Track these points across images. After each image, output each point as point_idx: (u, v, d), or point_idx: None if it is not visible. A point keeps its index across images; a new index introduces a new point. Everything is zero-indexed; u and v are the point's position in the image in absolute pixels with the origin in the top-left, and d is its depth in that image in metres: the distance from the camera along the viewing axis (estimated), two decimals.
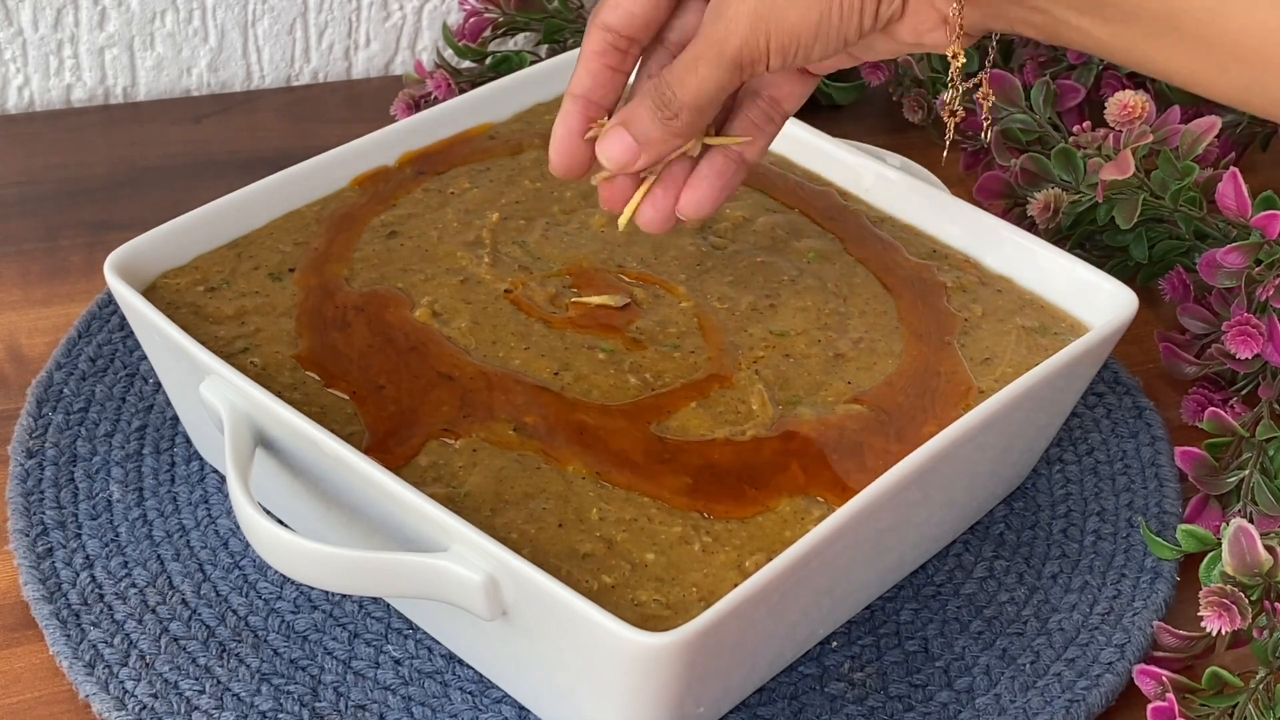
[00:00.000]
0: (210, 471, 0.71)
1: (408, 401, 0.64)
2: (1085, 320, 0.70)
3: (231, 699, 0.62)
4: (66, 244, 0.85)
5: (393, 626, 0.65)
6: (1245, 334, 0.74)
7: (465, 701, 0.63)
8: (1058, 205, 0.82)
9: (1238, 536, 0.62)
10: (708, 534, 0.60)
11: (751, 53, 0.58)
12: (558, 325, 0.68)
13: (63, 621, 0.64)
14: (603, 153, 0.61)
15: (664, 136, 0.60)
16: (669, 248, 0.73)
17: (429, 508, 0.56)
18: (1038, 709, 0.64)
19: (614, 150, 0.61)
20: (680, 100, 0.59)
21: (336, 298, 0.69)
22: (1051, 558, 0.71)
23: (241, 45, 1.00)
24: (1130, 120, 0.80)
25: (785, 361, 0.67)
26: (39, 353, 0.78)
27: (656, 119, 0.60)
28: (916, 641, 0.67)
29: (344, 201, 0.74)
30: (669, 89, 0.59)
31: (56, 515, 0.69)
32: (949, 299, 0.71)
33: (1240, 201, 0.77)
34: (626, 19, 0.61)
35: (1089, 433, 0.77)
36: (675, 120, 0.60)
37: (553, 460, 0.62)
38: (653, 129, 0.60)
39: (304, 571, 0.57)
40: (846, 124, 0.99)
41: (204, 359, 0.62)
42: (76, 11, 0.95)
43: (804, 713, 0.64)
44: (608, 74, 0.62)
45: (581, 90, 0.62)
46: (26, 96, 0.97)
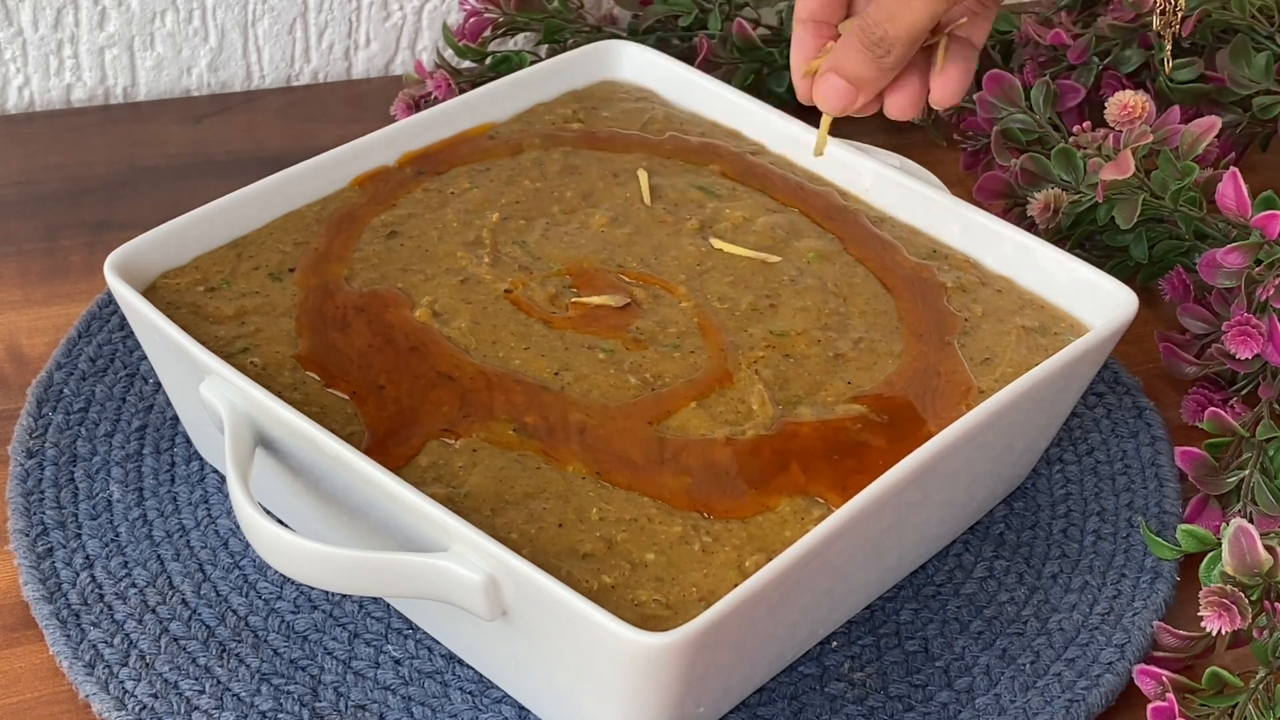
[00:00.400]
0: (210, 471, 0.71)
1: (408, 401, 0.64)
2: (1085, 320, 0.70)
3: (231, 699, 0.62)
4: (66, 244, 0.85)
5: (393, 626, 0.65)
6: (1245, 334, 0.74)
7: (465, 701, 0.63)
8: (1058, 205, 0.82)
9: (1238, 536, 0.62)
10: (708, 534, 0.60)
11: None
12: (558, 325, 0.68)
13: (63, 621, 0.64)
14: (820, 100, 0.63)
15: (879, 75, 0.62)
16: (669, 248, 0.73)
17: (429, 508, 0.56)
18: (1038, 709, 0.64)
19: (830, 97, 0.63)
20: (893, 36, 0.60)
21: (336, 298, 0.69)
22: (1051, 558, 0.71)
23: (241, 45, 1.00)
24: (1130, 120, 0.80)
25: (785, 361, 0.67)
26: (39, 353, 0.78)
27: (868, 59, 0.61)
28: (916, 641, 0.67)
29: (344, 201, 0.74)
30: (879, 26, 0.60)
31: (56, 515, 0.69)
32: (949, 299, 0.71)
33: (1240, 201, 0.77)
34: None
35: (1089, 433, 0.77)
36: (888, 57, 0.61)
37: (553, 460, 0.62)
38: (865, 69, 0.61)
39: (304, 571, 0.57)
40: (846, 124, 0.98)
41: (204, 359, 0.62)
42: (76, 11, 0.95)
43: (804, 713, 0.64)
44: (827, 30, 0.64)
45: (809, 13, 0.64)
46: (26, 96, 0.97)
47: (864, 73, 0.62)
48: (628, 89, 0.83)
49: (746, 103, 0.81)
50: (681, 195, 0.76)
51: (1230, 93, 0.90)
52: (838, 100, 0.63)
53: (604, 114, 0.81)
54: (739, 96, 0.81)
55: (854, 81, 0.62)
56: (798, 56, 0.64)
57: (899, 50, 0.61)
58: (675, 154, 0.79)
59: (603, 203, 0.75)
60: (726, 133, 0.81)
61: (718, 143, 0.80)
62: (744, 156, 0.79)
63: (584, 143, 0.79)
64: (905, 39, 0.60)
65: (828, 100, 0.63)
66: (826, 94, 0.63)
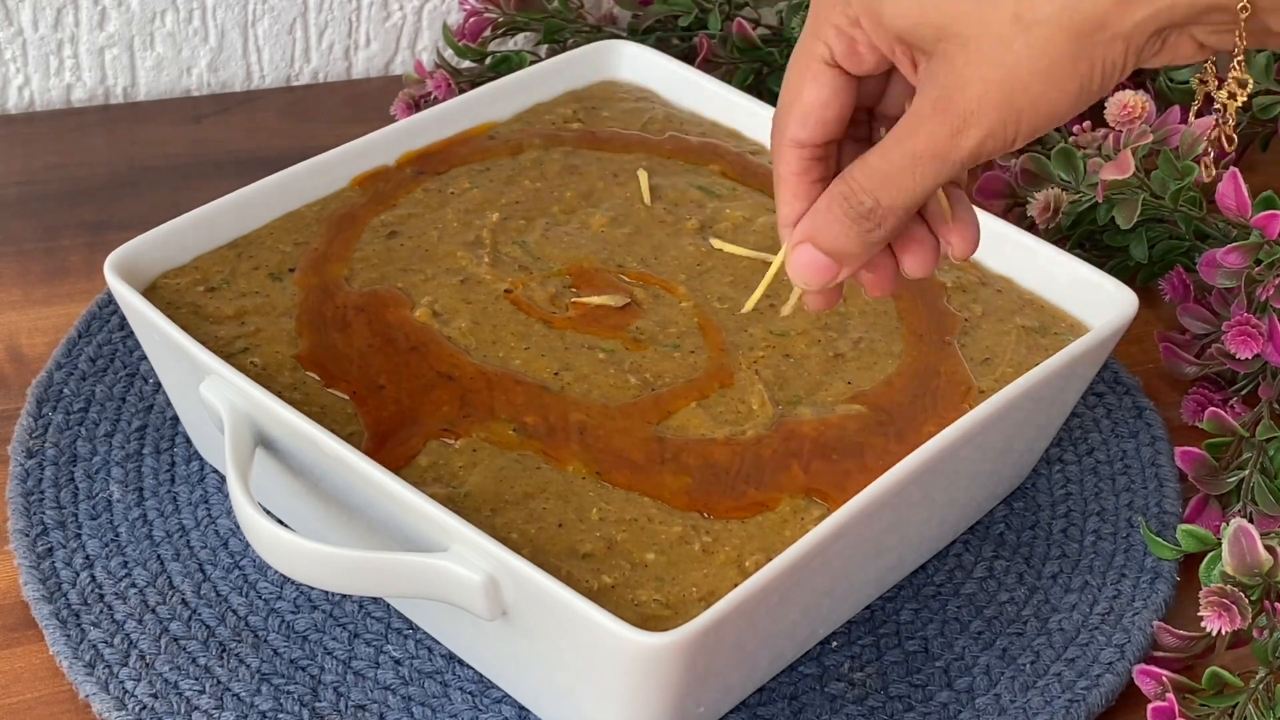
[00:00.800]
0: (210, 471, 0.71)
1: (408, 401, 0.64)
2: (1085, 320, 0.70)
3: (231, 699, 0.62)
4: (66, 244, 0.85)
5: (393, 626, 0.65)
6: (1245, 334, 0.74)
7: (465, 701, 0.63)
8: (1058, 205, 0.82)
9: (1238, 536, 0.62)
10: (708, 534, 0.60)
11: (996, 144, 0.48)
12: (558, 325, 0.68)
13: (63, 621, 0.64)
14: (795, 274, 0.53)
15: (865, 250, 0.51)
16: (669, 248, 0.73)
17: (429, 508, 0.56)
18: (1038, 709, 0.64)
19: (807, 272, 0.52)
20: (888, 206, 0.50)
21: (336, 298, 0.69)
22: (1051, 558, 0.71)
23: (241, 45, 1.00)
24: (1130, 120, 0.80)
25: (785, 361, 0.67)
26: (39, 353, 0.78)
27: (854, 231, 0.51)
28: (916, 641, 0.67)
29: (344, 201, 0.74)
30: (869, 195, 0.50)
31: (56, 515, 0.69)
32: (949, 299, 0.71)
33: (1240, 201, 0.77)
34: (819, 128, 0.52)
35: (1089, 433, 0.77)
36: (879, 230, 0.51)
37: (553, 460, 0.62)
38: (849, 242, 0.51)
39: (304, 571, 0.57)
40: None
41: (204, 359, 0.62)
42: (76, 11, 0.95)
43: (804, 713, 0.64)
44: (818, 189, 0.53)
45: (795, 218, 0.53)
46: (26, 96, 0.97)
47: (847, 246, 0.51)
48: (628, 89, 0.83)
49: (746, 103, 0.81)
50: (681, 195, 0.76)
51: None
52: (816, 275, 0.52)
53: (604, 114, 0.81)
54: (739, 96, 0.81)
55: (835, 255, 0.51)
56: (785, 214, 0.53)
57: (892, 223, 0.50)
58: (675, 154, 0.79)
59: (603, 203, 0.75)
60: (726, 133, 0.81)
61: (718, 143, 0.80)
62: (744, 156, 0.79)
63: (584, 143, 0.79)
64: (902, 210, 0.50)
65: (803, 276, 0.52)
66: (801, 269, 0.52)
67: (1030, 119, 0.48)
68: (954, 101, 0.48)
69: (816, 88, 0.51)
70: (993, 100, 0.47)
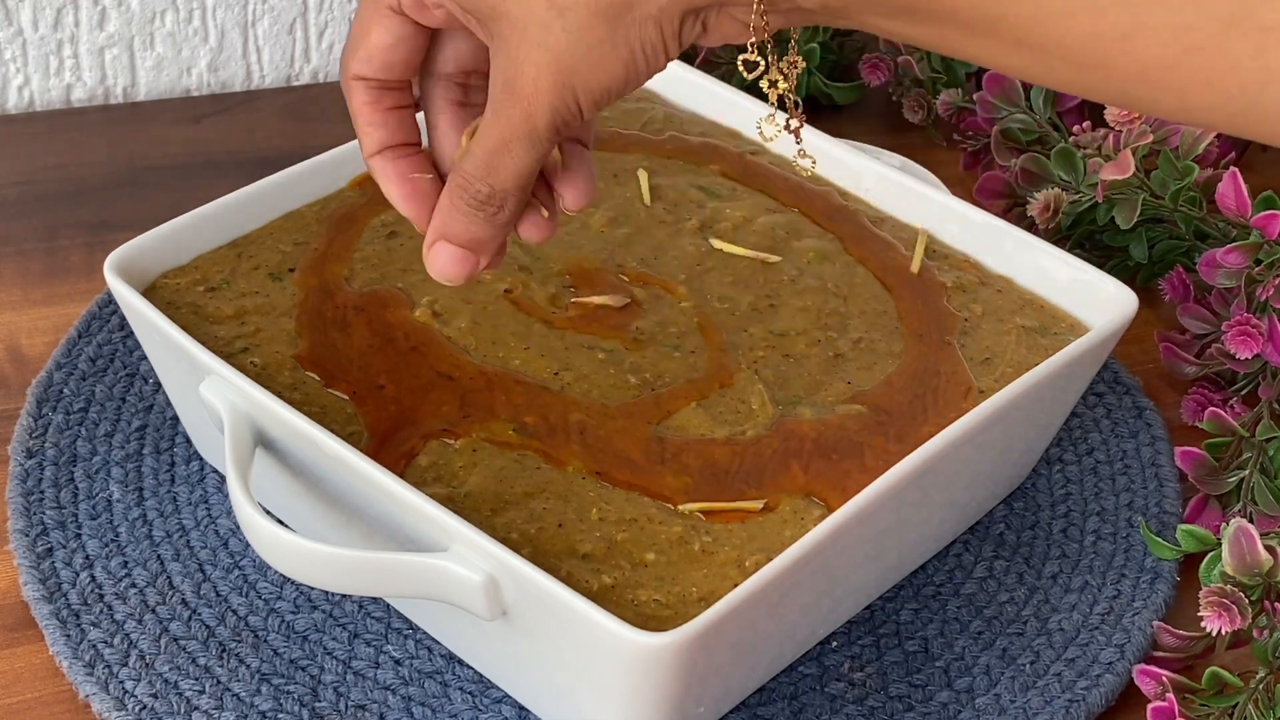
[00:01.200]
0: (210, 471, 0.71)
1: (408, 401, 0.64)
2: (1085, 320, 0.70)
3: (231, 699, 0.62)
4: (66, 244, 0.85)
5: (393, 626, 0.65)
6: (1245, 334, 0.74)
7: (465, 701, 0.63)
8: (1058, 205, 0.82)
9: (1238, 536, 0.62)
10: (707, 534, 0.60)
11: (564, 115, 0.51)
12: (558, 325, 0.68)
13: (63, 621, 0.64)
14: (438, 274, 0.54)
15: (496, 231, 0.54)
16: (669, 248, 0.73)
17: (429, 508, 0.56)
18: (1038, 709, 0.64)
19: (449, 268, 0.54)
20: (501, 189, 0.52)
21: (336, 298, 0.69)
22: (1051, 558, 0.71)
23: (241, 45, 1.00)
24: (1130, 120, 0.80)
25: (785, 361, 0.67)
26: (39, 353, 0.78)
27: (480, 218, 0.53)
28: (916, 641, 0.67)
29: (344, 201, 0.74)
30: (482, 182, 0.52)
31: (56, 515, 0.69)
32: (949, 299, 0.71)
33: (1240, 201, 0.77)
34: (384, 68, 0.54)
35: (1089, 433, 0.77)
36: (503, 211, 0.53)
37: (553, 460, 0.62)
38: (479, 228, 0.53)
39: (304, 571, 0.57)
40: (846, 124, 0.99)
41: (204, 359, 0.62)
42: (76, 11, 0.95)
43: (804, 713, 0.64)
44: (395, 116, 0.55)
45: (378, 144, 0.55)
46: (26, 96, 0.97)
47: (478, 233, 0.53)
48: None
49: (746, 103, 0.81)
50: (681, 195, 0.76)
51: None
52: (458, 270, 0.54)
53: (604, 114, 0.81)
54: (739, 96, 0.81)
55: (470, 245, 0.53)
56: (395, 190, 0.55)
57: (512, 202, 0.52)
58: (675, 154, 0.79)
59: (603, 203, 0.75)
60: (726, 133, 0.81)
61: (718, 143, 0.80)
62: (744, 156, 0.79)
63: None
64: (515, 189, 0.52)
65: (445, 273, 0.54)
66: (442, 268, 0.54)
67: (587, 95, 0.50)
68: (516, 84, 0.50)
69: (381, 31, 0.53)
70: (546, 82, 0.50)
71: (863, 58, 0.97)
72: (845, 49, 1.00)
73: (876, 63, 0.96)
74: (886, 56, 0.96)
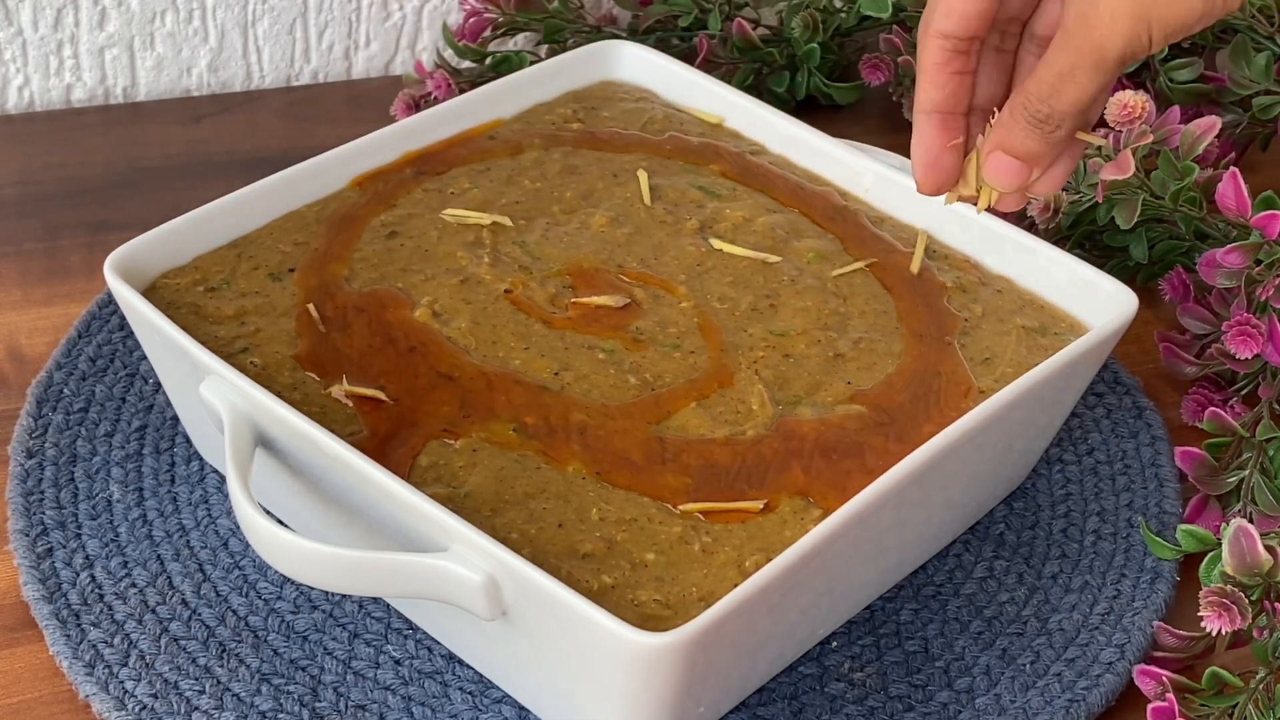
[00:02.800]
0: (210, 471, 0.71)
1: (408, 401, 0.64)
2: (1085, 320, 0.70)
3: (231, 699, 0.62)
4: (66, 244, 0.85)
5: (393, 626, 0.65)
6: (1245, 334, 0.74)
7: (465, 701, 0.63)
8: (1058, 205, 0.82)
9: (1238, 536, 0.62)
10: (707, 534, 0.60)
11: (1135, 49, 0.54)
12: (558, 325, 0.68)
13: (63, 621, 0.64)
14: (994, 180, 0.59)
15: (1050, 149, 0.58)
16: (669, 248, 0.73)
17: (429, 508, 0.56)
18: (1038, 709, 0.64)
19: (1004, 175, 0.59)
20: (1061, 111, 0.56)
21: (336, 298, 0.69)
22: (1051, 558, 0.71)
23: (241, 45, 1.00)
24: (1130, 120, 0.80)
25: (785, 361, 0.67)
26: (39, 353, 0.78)
27: (1037, 134, 0.57)
28: (916, 641, 0.67)
29: (344, 201, 0.74)
30: (1043, 103, 0.56)
31: (56, 515, 0.69)
32: (949, 299, 0.71)
33: (1240, 201, 0.77)
34: (962, 22, 0.57)
35: (1089, 433, 0.77)
36: (1059, 131, 0.57)
37: (553, 460, 0.62)
38: (1035, 144, 0.57)
39: (304, 571, 0.57)
40: (846, 124, 0.99)
41: (204, 359, 0.62)
42: (76, 11, 0.95)
43: (804, 713, 0.64)
44: (956, 80, 0.59)
45: (932, 105, 0.59)
46: (26, 96, 0.97)
47: (1036, 148, 0.57)
48: (628, 89, 0.83)
49: (746, 103, 0.81)
50: (681, 195, 0.76)
51: (1230, 93, 0.90)
52: (1012, 178, 0.58)
53: (604, 114, 0.81)
54: (739, 96, 0.81)
55: (1025, 158, 0.58)
56: (920, 149, 0.60)
57: (1069, 124, 0.57)
58: (675, 154, 0.79)
59: (603, 203, 0.75)
60: (727, 133, 0.81)
61: (718, 143, 0.80)
62: (744, 156, 0.79)
63: (584, 143, 0.79)
64: (1074, 113, 0.56)
65: (1001, 180, 0.59)
66: (998, 174, 0.59)
67: (1160, 29, 0.53)
68: (1090, 18, 0.53)
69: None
70: (1125, 12, 0.53)
71: (863, 58, 0.97)
72: (845, 49, 1.00)
73: (876, 63, 0.96)
74: (886, 56, 0.96)
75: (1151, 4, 0.53)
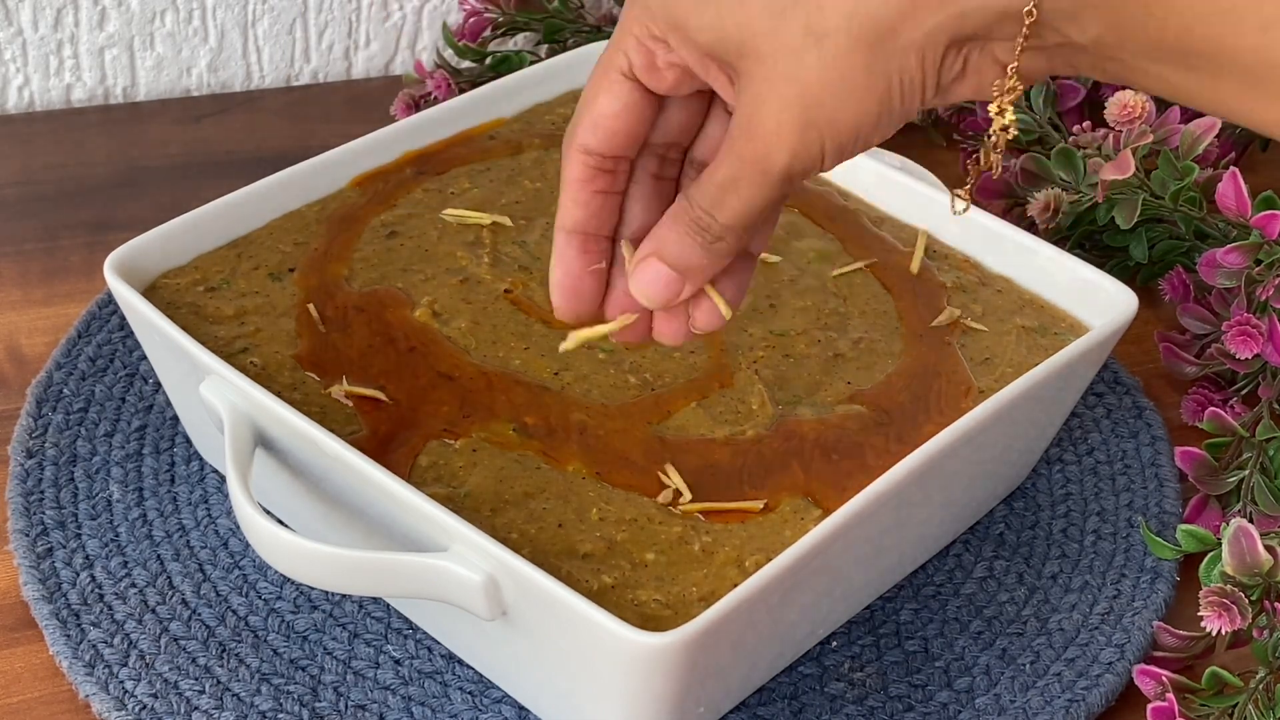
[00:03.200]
0: (210, 471, 0.71)
1: (408, 401, 0.64)
2: (1085, 320, 0.70)
3: (231, 699, 0.62)
4: (66, 244, 0.85)
5: (393, 626, 0.65)
6: (1245, 334, 0.74)
7: (465, 701, 0.63)
8: (1058, 205, 0.82)
9: (1238, 536, 0.62)
10: (707, 534, 0.60)
11: (804, 163, 0.48)
12: (558, 325, 0.68)
13: (63, 621, 0.64)
14: (640, 292, 0.52)
15: (709, 262, 0.52)
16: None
17: (429, 508, 0.56)
18: (1038, 709, 0.64)
19: (653, 287, 0.52)
20: (722, 224, 0.50)
21: (336, 298, 0.69)
22: (1051, 558, 0.71)
23: (241, 45, 1.00)
24: (1130, 120, 0.80)
25: (785, 361, 0.67)
26: (39, 353, 0.78)
27: (696, 244, 0.51)
28: (916, 641, 0.67)
29: (344, 201, 0.74)
30: (705, 214, 0.50)
31: (56, 515, 0.69)
32: (949, 299, 0.71)
33: (1240, 201, 0.77)
34: (608, 139, 0.52)
35: (1089, 433, 0.77)
36: (721, 243, 0.51)
37: (553, 460, 0.62)
38: (694, 255, 0.51)
39: (304, 571, 0.57)
40: None
41: (204, 359, 0.62)
42: (76, 11, 0.95)
43: (804, 713, 0.64)
44: (600, 200, 0.53)
45: (574, 223, 0.53)
46: (26, 96, 0.97)
47: (693, 259, 0.51)
48: None
49: None
50: None
51: None
52: (662, 292, 0.52)
53: None
54: None
55: (680, 268, 0.51)
56: (559, 272, 0.53)
57: (731, 239, 0.51)
58: None
59: None
60: None
61: None
62: None
63: None
64: (739, 227, 0.50)
65: (648, 292, 0.52)
66: (646, 285, 0.52)
67: (833, 137, 0.48)
68: (755, 122, 0.48)
69: (610, 98, 0.51)
70: (790, 119, 0.47)
71: None
72: None
73: None
74: None
75: (820, 107, 0.47)
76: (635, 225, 0.54)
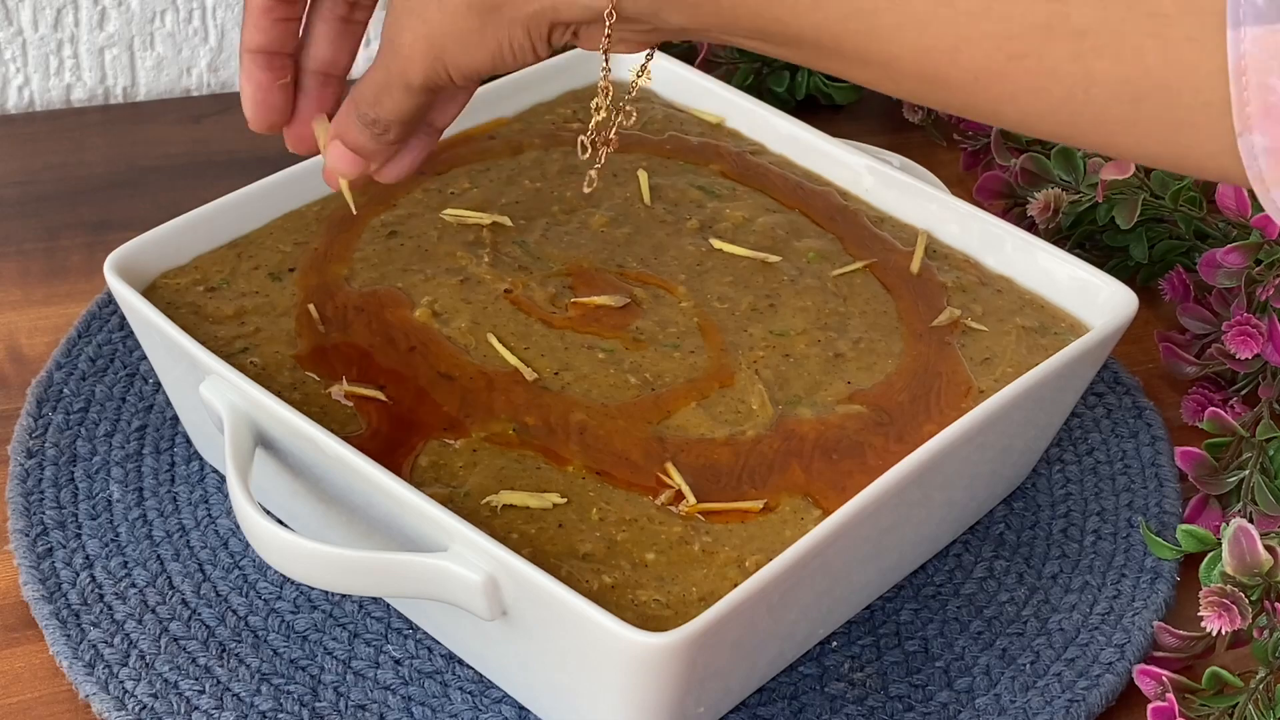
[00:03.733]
0: (210, 471, 0.71)
1: (408, 401, 0.64)
2: (1085, 320, 0.70)
3: (231, 699, 0.62)
4: (66, 244, 0.85)
5: (393, 626, 0.65)
6: (1245, 334, 0.74)
7: (465, 701, 0.63)
8: (1058, 205, 0.82)
9: (1238, 536, 0.62)
10: (707, 534, 0.60)
11: (437, 79, 0.57)
12: (558, 325, 0.68)
13: (63, 621, 0.64)
14: (334, 166, 0.62)
15: (382, 148, 0.61)
16: (669, 248, 0.73)
17: (429, 508, 0.56)
18: (1038, 709, 0.64)
19: (341, 164, 0.62)
20: (385, 119, 0.59)
21: (336, 298, 0.69)
22: (1051, 558, 0.71)
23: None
24: None
25: (785, 361, 0.67)
26: (39, 353, 0.78)
27: (368, 134, 0.60)
28: (916, 641, 0.67)
29: (344, 201, 0.74)
30: (369, 108, 0.59)
31: (56, 515, 0.69)
32: (949, 299, 0.71)
33: (1240, 201, 0.77)
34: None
35: (1089, 433, 0.77)
36: (388, 134, 0.60)
37: (553, 460, 0.62)
38: (368, 143, 0.61)
39: (304, 571, 0.57)
40: (846, 124, 0.99)
41: (204, 359, 0.62)
42: (76, 11, 0.95)
43: (804, 713, 0.64)
44: (280, 26, 0.61)
45: (256, 46, 0.61)
46: (26, 96, 0.97)
47: (366, 146, 0.61)
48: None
49: (747, 103, 0.81)
50: (681, 195, 0.76)
51: None
52: (348, 167, 0.62)
53: None
54: (739, 96, 0.81)
55: (359, 152, 0.61)
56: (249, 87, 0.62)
57: (396, 130, 0.60)
58: (675, 154, 0.79)
59: (603, 203, 0.75)
60: (726, 133, 0.81)
61: (718, 143, 0.80)
62: (744, 156, 0.79)
63: None
64: (397, 122, 0.59)
65: (342, 169, 0.62)
66: (339, 164, 0.62)
67: (457, 70, 0.56)
68: (396, 43, 0.56)
69: None
70: (421, 50, 0.56)
71: None
72: None
73: None
74: None
75: (444, 49, 0.55)
76: (321, 59, 0.63)
